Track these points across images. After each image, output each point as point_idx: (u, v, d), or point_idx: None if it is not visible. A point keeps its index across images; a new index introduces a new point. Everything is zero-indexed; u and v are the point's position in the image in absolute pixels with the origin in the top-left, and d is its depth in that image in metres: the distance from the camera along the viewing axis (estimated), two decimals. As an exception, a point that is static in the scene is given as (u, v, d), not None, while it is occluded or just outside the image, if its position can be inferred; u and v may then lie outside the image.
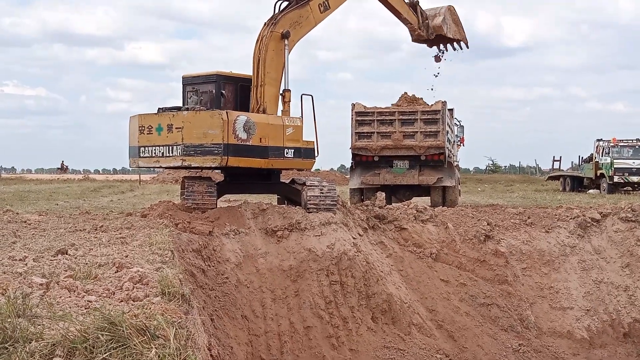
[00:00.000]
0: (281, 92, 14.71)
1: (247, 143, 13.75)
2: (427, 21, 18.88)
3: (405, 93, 21.31)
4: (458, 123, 25.88)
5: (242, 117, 13.77)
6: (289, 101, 14.72)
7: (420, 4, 18.78)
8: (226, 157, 13.40)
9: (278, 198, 17.22)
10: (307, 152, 14.76)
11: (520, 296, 15.04)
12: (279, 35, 14.58)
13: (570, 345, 14.70)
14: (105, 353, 4.23)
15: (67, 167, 72.60)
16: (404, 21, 18.46)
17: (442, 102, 20.10)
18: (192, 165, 13.91)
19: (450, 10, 19.62)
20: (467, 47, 20.48)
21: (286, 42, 14.60)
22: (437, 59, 20.53)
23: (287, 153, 14.40)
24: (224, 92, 14.83)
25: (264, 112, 14.37)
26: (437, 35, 19.31)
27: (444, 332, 13.73)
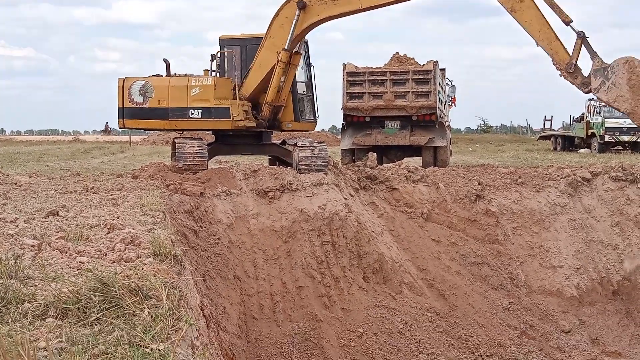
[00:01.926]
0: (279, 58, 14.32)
1: (144, 106, 14.77)
2: (586, 80, 12.69)
3: (397, 53, 21.18)
4: (450, 83, 25.78)
5: (139, 82, 14.86)
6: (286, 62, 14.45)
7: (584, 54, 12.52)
8: (122, 120, 15.07)
9: (269, 159, 17.20)
10: (220, 112, 14.43)
11: (510, 255, 15.15)
12: (294, 3, 14.00)
13: (559, 303, 14.85)
14: (98, 313, 4.24)
15: (111, 129, 70.98)
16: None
17: (434, 62, 19.98)
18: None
19: (632, 70, 12.13)
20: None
21: (300, 13, 13.90)
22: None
23: (192, 114, 14.55)
24: (225, 55, 15.50)
25: None
26: None
27: (434, 291, 13.84)
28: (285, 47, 14.08)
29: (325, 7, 13.90)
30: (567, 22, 12.29)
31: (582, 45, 12.39)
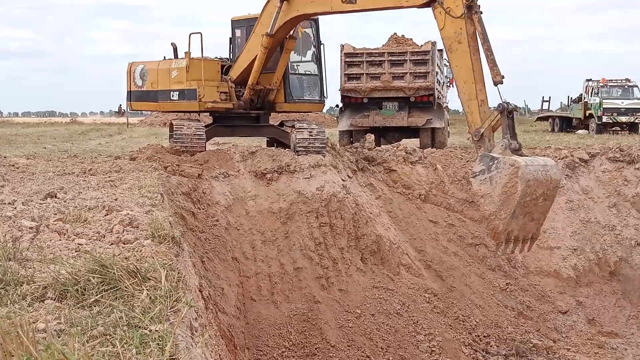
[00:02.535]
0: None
1: (143, 89, 15.52)
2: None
3: (395, 34, 21.12)
4: (448, 64, 25.71)
5: (140, 66, 15.53)
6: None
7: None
8: (129, 102, 15.86)
9: (267, 141, 17.19)
10: (190, 94, 14.54)
11: (508, 236, 15.18)
12: None
13: (556, 284, 14.91)
14: (96, 295, 4.25)
15: (124, 110, 70.60)
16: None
17: (432, 43, 19.93)
18: None
19: (512, 179, 9.80)
20: None
21: (284, 4, 13.54)
22: None
23: (172, 96, 14.87)
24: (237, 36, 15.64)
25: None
26: None
27: (432, 272, 13.88)
28: (268, 32, 13.93)
29: (304, 5, 13.58)
30: (496, 82, 10.31)
31: (499, 119, 10.29)
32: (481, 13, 10.38)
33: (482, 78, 10.59)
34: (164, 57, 15.29)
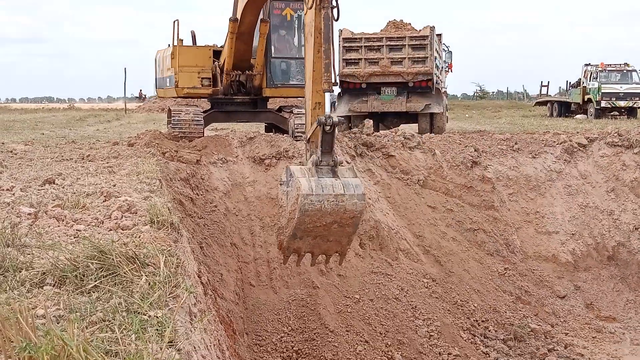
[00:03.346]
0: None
1: (160, 76, 16.16)
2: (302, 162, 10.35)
3: (394, 19, 21.04)
4: (446, 49, 25.64)
5: (159, 54, 16.04)
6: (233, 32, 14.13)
7: None
8: (156, 89, 16.37)
9: (265, 126, 17.17)
10: (171, 80, 15.03)
11: (506, 221, 15.21)
12: None
13: (554, 269, 14.95)
14: (95, 281, 4.25)
15: (145, 96, 70.24)
16: None
17: (430, 27, 19.85)
18: None
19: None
20: None
21: None
22: None
23: (166, 83, 15.41)
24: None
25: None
26: None
27: (430, 258, 13.90)
28: (231, 17, 13.86)
29: None
30: (324, 89, 8.55)
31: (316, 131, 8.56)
32: (333, 8, 8.30)
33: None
34: (168, 45, 15.34)
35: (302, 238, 8.36)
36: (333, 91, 9.13)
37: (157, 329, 3.58)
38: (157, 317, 3.75)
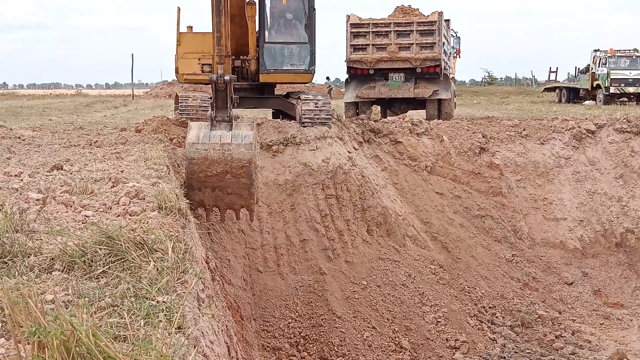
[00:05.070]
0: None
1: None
2: None
3: (402, 4, 20.94)
4: (454, 34, 25.53)
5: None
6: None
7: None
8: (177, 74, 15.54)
9: (273, 112, 17.12)
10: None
11: (514, 208, 15.19)
12: None
13: (562, 255, 14.93)
14: (103, 267, 4.26)
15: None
16: None
17: (439, 13, 19.75)
18: None
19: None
20: None
21: None
22: None
23: (178, 69, 15.10)
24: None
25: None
26: None
27: (438, 244, 13.90)
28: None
29: None
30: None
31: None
32: None
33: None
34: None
35: (201, 189, 8.86)
36: (224, 63, 9.61)
37: (165, 314, 3.59)
38: (165, 302, 3.76)
